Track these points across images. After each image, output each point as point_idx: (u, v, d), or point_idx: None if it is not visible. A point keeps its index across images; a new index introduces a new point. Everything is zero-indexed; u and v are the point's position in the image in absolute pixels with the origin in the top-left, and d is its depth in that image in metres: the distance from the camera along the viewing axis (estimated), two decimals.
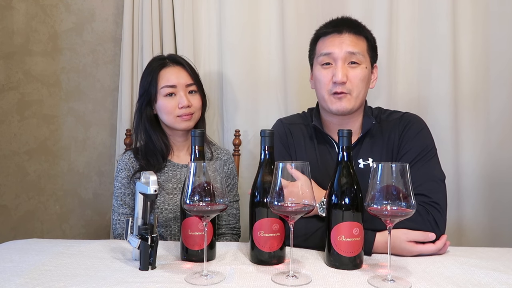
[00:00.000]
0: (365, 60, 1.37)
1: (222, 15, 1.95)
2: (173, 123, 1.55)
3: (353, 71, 1.35)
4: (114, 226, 1.55)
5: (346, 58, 1.34)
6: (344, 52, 1.34)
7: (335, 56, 1.35)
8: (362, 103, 1.40)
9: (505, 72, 1.90)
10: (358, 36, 1.37)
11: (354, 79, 1.34)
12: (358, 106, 1.38)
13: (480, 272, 1.05)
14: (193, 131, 1.17)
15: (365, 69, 1.36)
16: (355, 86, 1.34)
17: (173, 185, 1.55)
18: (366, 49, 1.38)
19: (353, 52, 1.34)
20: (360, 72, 1.35)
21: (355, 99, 1.36)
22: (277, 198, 0.99)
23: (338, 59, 1.34)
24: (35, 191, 2.14)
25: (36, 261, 1.12)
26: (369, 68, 1.39)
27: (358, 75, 1.34)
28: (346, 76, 1.33)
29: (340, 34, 1.37)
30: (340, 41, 1.35)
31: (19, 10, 2.11)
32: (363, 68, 1.36)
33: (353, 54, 1.34)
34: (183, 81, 1.55)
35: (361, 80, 1.35)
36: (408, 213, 0.97)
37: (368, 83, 1.40)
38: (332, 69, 1.35)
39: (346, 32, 1.37)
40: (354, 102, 1.36)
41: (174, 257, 1.19)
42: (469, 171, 1.91)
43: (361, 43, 1.37)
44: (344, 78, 1.33)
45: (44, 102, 2.13)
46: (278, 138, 1.44)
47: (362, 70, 1.35)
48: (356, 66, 1.35)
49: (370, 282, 0.99)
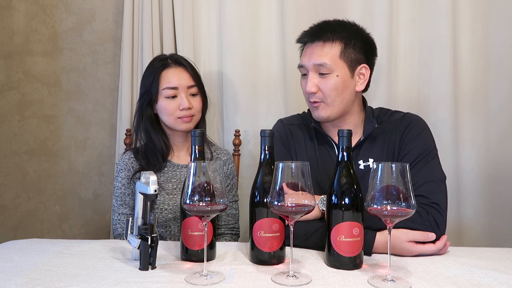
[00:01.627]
0: (336, 68, 1.33)
1: (222, 15, 1.95)
2: (173, 125, 1.55)
3: (323, 81, 1.34)
4: (114, 226, 1.55)
5: (315, 69, 1.35)
6: (312, 64, 1.35)
7: (306, 68, 1.37)
8: (343, 109, 1.37)
9: (505, 71, 1.90)
10: (329, 43, 1.34)
11: (324, 89, 1.34)
12: (338, 113, 1.37)
13: (480, 272, 1.05)
14: (193, 131, 1.17)
15: (336, 78, 1.33)
16: (327, 96, 1.35)
17: (173, 185, 1.55)
18: (340, 54, 1.34)
19: (320, 64, 1.33)
20: (330, 81, 1.33)
21: (330, 107, 1.36)
22: (277, 198, 0.98)
23: (309, 70, 1.36)
24: (35, 191, 2.14)
25: (36, 261, 1.12)
26: (344, 74, 1.34)
27: (327, 85, 1.34)
28: (315, 86, 1.34)
29: (312, 43, 1.37)
30: (310, 52, 1.36)
31: (19, 10, 2.11)
32: (334, 76, 1.33)
33: (320, 65, 1.33)
34: (184, 83, 1.55)
35: (331, 89, 1.34)
36: (408, 213, 0.97)
37: (345, 89, 1.35)
38: (307, 79, 1.37)
39: (316, 40, 1.36)
40: (330, 110, 1.36)
41: (174, 257, 1.19)
42: (469, 170, 1.91)
43: (331, 50, 1.33)
44: (313, 88, 1.34)
45: (44, 102, 2.13)
46: (278, 139, 1.44)
47: (332, 79, 1.33)
48: (326, 75, 1.34)
49: (370, 282, 0.99)
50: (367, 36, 1.41)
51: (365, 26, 1.43)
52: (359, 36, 1.38)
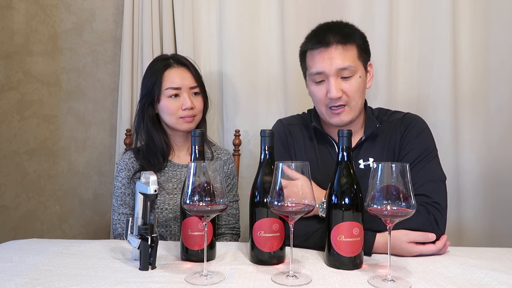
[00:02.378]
0: (357, 69, 1.33)
1: (222, 15, 1.95)
2: (175, 124, 1.55)
3: (347, 84, 1.32)
4: (114, 226, 1.55)
5: (337, 73, 1.32)
6: (335, 69, 1.31)
7: (327, 74, 1.32)
8: (361, 110, 1.39)
9: (504, 71, 1.90)
10: (347, 45, 1.32)
11: (349, 92, 1.32)
12: (358, 115, 1.38)
13: (480, 272, 1.05)
14: (193, 131, 1.17)
15: (359, 78, 1.33)
16: (352, 98, 1.33)
17: (173, 185, 1.55)
18: (357, 56, 1.33)
19: (344, 67, 1.31)
20: (355, 83, 1.32)
21: (353, 110, 1.35)
22: (277, 198, 0.99)
23: (330, 76, 1.32)
24: (35, 191, 2.14)
25: (36, 261, 1.12)
26: (364, 74, 1.36)
27: (353, 87, 1.32)
28: (340, 91, 1.31)
29: (328, 47, 1.31)
30: (329, 57, 1.31)
31: (19, 10, 2.11)
32: (357, 78, 1.33)
33: (343, 69, 1.31)
34: (187, 83, 1.55)
35: (356, 91, 1.33)
36: (408, 213, 0.97)
37: (364, 89, 1.37)
38: (326, 85, 1.33)
39: (333, 44, 1.31)
40: (353, 113, 1.35)
41: (174, 257, 1.19)
42: (469, 170, 1.91)
43: (350, 53, 1.32)
44: (339, 93, 1.31)
45: (44, 102, 2.13)
46: (278, 139, 1.44)
47: (356, 81, 1.33)
48: (349, 78, 1.32)
49: (370, 282, 0.99)
50: (363, 33, 1.42)
51: (365, 26, 1.44)
52: (362, 36, 1.40)
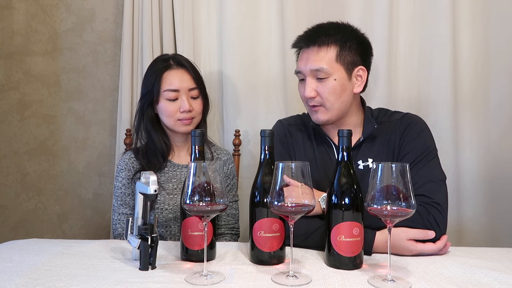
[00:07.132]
0: (333, 71, 1.33)
1: (222, 15, 1.95)
2: (173, 126, 1.55)
3: (321, 85, 1.34)
4: (114, 226, 1.55)
5: (313, 74, 1.35)
6: (309, 69, 1.34)
7: (303, 73, 1.37)
8: (342, 111, 1.38)
9: (504, 71, 1.90)
10: (324, 47, 1.33)
11: (322, 93, 1.35)
12: (337, 116, 1.38)
13: (480, 272, 1.05)
14: (193, 131, 1.17)
15: (334, 81, 1.33)
16: (326, 100, 1.35)
17: (173, 185, 1.55)
18: (336, 58, 1.33)
19: (317, 69, 1.33)
20: (328, 85, 1.34)
21: (330, 111, 1.36)
22: (277, 198, 0.99)
23: (306, 75, 1.36)
24: (35, 191, 2.14)
25: (36, 261, 1.12)
26: (342, 77, 1.34)
27: (326, 89, 1.34)
28: (314, 91, 1.35)
29: (307, 48, 1.37)
30: (306, 57, 1.36)
31: (19, 10, 2.11)
32: (331, 80, 1.33)
33: (317, 70, 1.33)
34: (186, 85, 1.54)
35: (330, 93, 1.34)
36: (408, 213, 0.97)
37: (343, 92, 1.35)
38: (305, 84, 1.37)
39: (312, 45, 1.35)
40: (329, 113, 1.36)
41: (174, 257, 1.19)
42: (469, 170, 1.91)
43: (327, 54, 1.33)
44: (311, 93, 1.34)
45: (44, 102, 2.13)
46: (278, 139, 1.44)
47: (330, 83, 1.33)
48: (324, 80, 1.34)
49: (370, 282, 0.99)
50: (362, 37, 1.41)
51: (365, 26, 1.43)
52: (354, 37, 1.38)
